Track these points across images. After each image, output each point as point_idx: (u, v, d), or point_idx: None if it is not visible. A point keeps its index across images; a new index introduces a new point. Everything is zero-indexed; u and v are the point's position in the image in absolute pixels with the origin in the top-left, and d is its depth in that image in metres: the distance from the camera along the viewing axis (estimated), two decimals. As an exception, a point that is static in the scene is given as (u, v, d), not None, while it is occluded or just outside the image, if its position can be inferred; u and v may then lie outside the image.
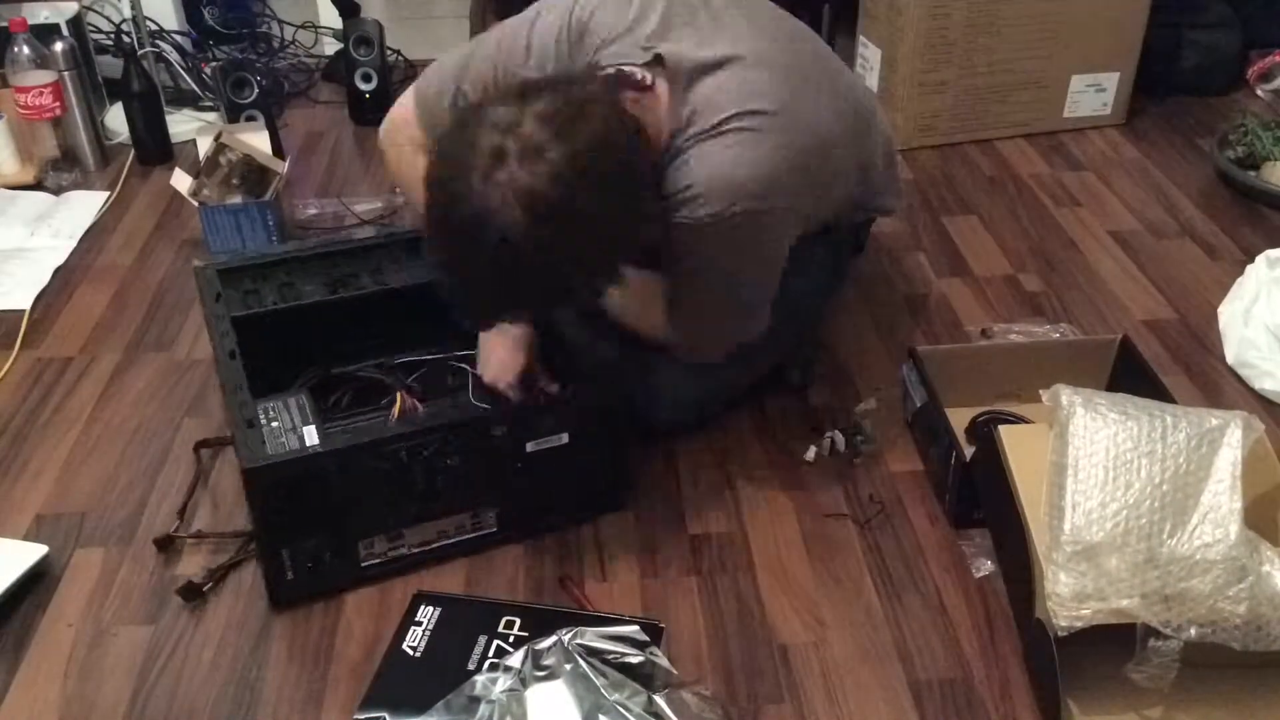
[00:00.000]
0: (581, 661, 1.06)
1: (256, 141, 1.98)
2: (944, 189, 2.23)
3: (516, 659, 1.08)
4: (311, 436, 1.28)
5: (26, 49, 2.17)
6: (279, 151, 2.12)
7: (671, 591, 1.32)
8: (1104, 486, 1.14)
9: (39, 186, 2.21)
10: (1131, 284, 1.91)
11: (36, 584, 1.33)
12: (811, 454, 1.52)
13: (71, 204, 2.16)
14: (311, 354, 1.51)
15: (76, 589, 1.33)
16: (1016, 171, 2.30)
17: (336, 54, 2.65)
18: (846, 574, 1.35)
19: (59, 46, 2.23)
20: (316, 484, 1.23)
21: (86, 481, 1.49)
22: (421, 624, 1.18)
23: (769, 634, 1.27)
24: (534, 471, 1.34)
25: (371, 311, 1.53)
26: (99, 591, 1.32)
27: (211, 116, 2.44)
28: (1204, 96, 2.59)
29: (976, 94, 2.38)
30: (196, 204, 1.93)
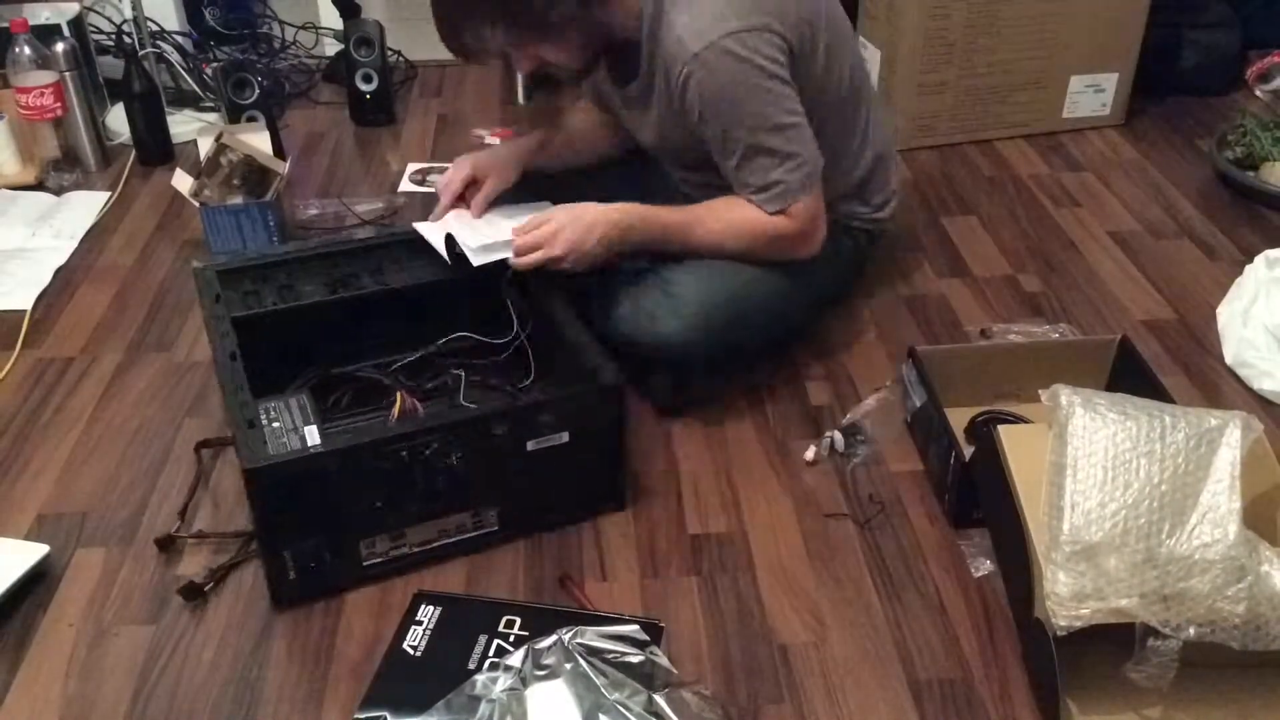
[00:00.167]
0: (581, 661, 1.06)
1: (257, 142, 1.99)
2: (943, 189, 2.23)
3: (517, 658, 1.08)
4: (313, 436, 1.28)
5: (28, 49, 2.17)
6: (280, 152, 2.12)
7: (671, 591, 1.33)
8: (1103, 486, 1.14)
9: (40, 187, 2.21)
10: (1130, 284, 1.91)
11: (37, 584, 1.33)
12: (811, 454, 1.52)
13: (72, 204, 2.16)
14: (310, 354, 1.51)
15: (77, 589, 1.33)
16: (1016, 172, 2.30)
17: (337, 55, 2.66)
18: (846, 574, 1.35)
19: (60, 47, 2.23)
20: (318, 484, 1.23)
21: (87, 481, 1.49)
22: (422, 623, 1.18)
23: (769, 634, 1.27)
24: (535, 470, 1.34)
25: (371, 312, 1.53)
26: (100, 591, 1.32)
27: (212, 117, 2.44)
28: (1203, 97, 2.59)
29: (976, 94, 2.39)
30: (197, 204, 1.94)
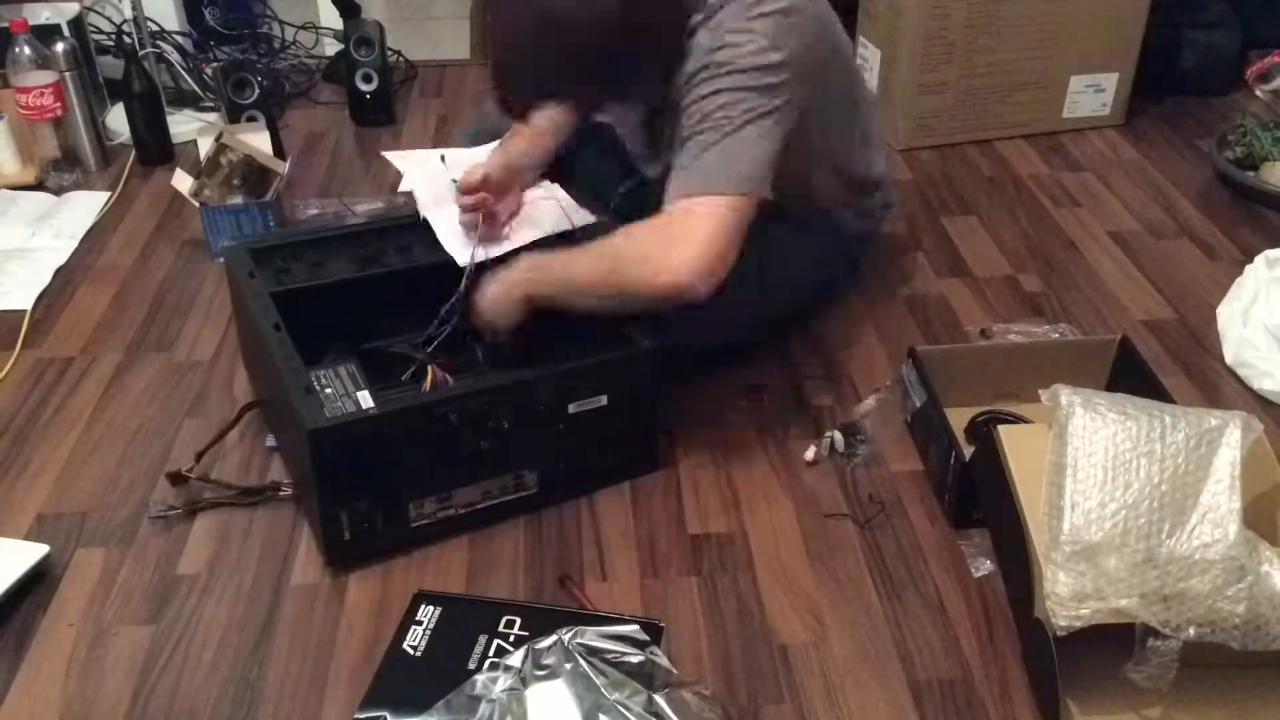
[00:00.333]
0: (581, 661, 1.06)
1: (257, 142, 1.99)
2: (943, 189, 2.23)
3: (517, 658, 1.08)
4: (367, 400, 1.34)
5: (28, 49, 2.17)
6: (280, 152, 2.12)
7: (671, 591, 1.33)
8: (1103, 486, 1.14)
9: (40, 187, 2.21)
10: (1130, 284, 1.91)
11: (37, 584, 1.33)
12: (811, 454, 1.52)
13: (72, 204, 2.16)
14: (340, 330, 1.52)
15: (77, 589, 1.33)
16: (1016, 172, 2.30)
17: (337, 55, 2.66)
18: (846, 574, 1.35)
19: (60, 47, 2.23)
20: (374, 445, 1.28)
21: (87, 481, 1.49)
22: (422, 623, 1.18)
23: (769, 634, 1.27)
24: (575, 433, 1.40)
25: (400, 288, 1.55)
26: (100, 591, 1.32)
27: (212, 117, 2.44)
28: (1203, 97, 2.59)
29: (976, 94, 2.39)
30: (197, 204, 1.94)
